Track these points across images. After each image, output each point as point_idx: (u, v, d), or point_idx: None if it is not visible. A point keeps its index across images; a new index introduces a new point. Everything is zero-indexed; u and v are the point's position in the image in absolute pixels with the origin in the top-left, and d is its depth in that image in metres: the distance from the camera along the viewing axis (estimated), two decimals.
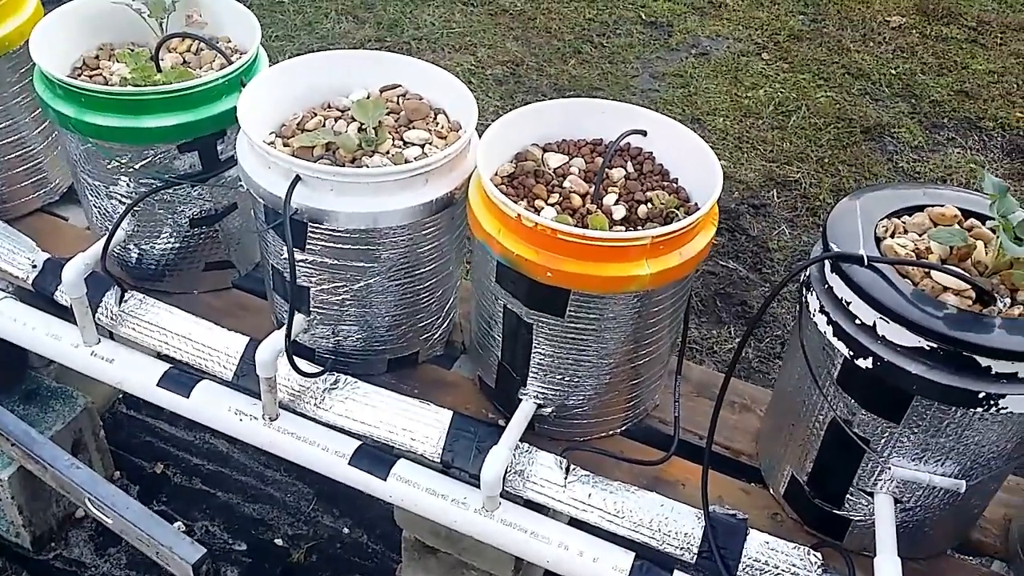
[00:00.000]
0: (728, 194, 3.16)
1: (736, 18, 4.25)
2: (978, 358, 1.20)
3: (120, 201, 1.70)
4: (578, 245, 1.32)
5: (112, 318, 1.77)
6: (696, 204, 1.51)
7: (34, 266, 1.87)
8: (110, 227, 1.71)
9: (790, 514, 1.53)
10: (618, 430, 1.65)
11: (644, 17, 4.22)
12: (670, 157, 1.56)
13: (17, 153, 1.94)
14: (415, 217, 1.49)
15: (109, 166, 1.66)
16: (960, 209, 1.38)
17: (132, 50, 1.76)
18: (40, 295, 1.86)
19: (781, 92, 3.73)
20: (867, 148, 3.48)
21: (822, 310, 1.31)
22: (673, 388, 1.65)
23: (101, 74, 1.75)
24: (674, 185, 1.54)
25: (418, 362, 1.74)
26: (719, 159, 1.45)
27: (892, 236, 1.34)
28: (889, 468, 1.35)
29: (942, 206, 1.38)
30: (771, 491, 1.57)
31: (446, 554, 1.84)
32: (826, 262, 1.31)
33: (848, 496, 1.42)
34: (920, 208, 1.39)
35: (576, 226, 1.35)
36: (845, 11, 4.33)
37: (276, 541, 2.18)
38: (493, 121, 1.51)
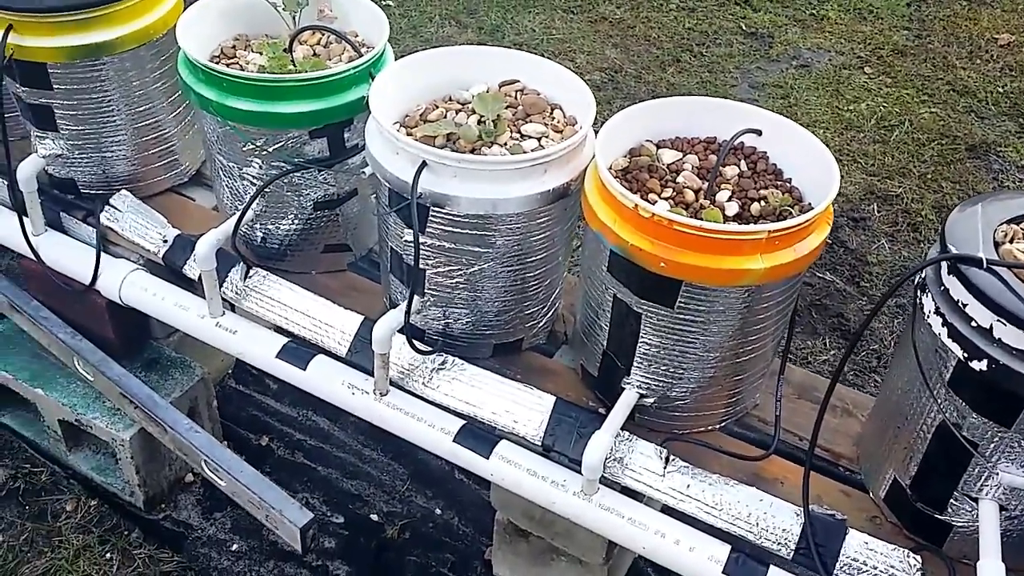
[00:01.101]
0: None
1: (838, 31, 4.21)
2: None
3: (251, 182, 1.81)
4: (693, 237, 1.36)
5: (237, 292, 1.88)
6: (810, 204, 1.52)
7: (165, 241, 1.99)
8: (240, 207, 1.82)
9: (889, 518, 1.53)
10: (717, 425, 1.67)
11: (745, 28, 4.21)
12: (784, 157, 1.59)
13: (153, 135, 2.07)
14: (531, 206, 1.55)
15: (244, 148, 1.76)
16: None
17: (268, 41, 1.87)
18: (168, 268, 1.98)
19: (884, 106, 3.68)
20: (971, 166, 3.41)
21: (937, 311, 1.32)
22: (775, 388, 1.66)
23: (237, 62, 1.86)
24: (788, 185, 1.56)
25: (522, 349, 1.80)
26: None
27: (1011, 241, 1.33)
28: (997, 474, 1.34)
29: None
30: (871, 495, 1.57)
31: (538, 538, 1.88)
32: (943, 264, 1.32)
33: (951, 501, 1.42)
34: None
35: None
36: (951, 28, 4.24)
37: (372, 517, 2.25)
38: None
